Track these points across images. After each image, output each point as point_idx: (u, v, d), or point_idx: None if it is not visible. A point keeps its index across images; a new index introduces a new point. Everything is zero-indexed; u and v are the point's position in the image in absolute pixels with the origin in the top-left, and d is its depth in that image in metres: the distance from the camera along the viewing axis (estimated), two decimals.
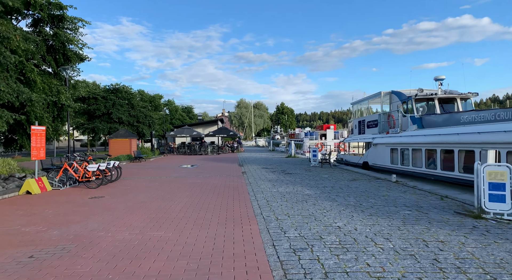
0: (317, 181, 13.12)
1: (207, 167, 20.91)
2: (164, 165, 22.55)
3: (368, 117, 19.92)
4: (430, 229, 6.10)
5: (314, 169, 18.02)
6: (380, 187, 11.31)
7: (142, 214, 7.76)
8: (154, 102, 40.42)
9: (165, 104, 45.13)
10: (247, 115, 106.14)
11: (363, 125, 20.55)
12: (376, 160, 17.42)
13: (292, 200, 9.12)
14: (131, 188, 12.03)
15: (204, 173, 17.22)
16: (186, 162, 25.54)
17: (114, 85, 31.02)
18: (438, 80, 15.97)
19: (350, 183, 12.39)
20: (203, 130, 48.54)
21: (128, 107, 30.93)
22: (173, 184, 12.91)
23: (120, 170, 14.37)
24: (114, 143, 26.99)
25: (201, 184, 12.79)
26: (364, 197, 9.41)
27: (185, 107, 70.15)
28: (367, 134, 19.69)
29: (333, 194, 10.09)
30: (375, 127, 18.69)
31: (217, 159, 28.32)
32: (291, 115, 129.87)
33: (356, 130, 21.83)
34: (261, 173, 16.71)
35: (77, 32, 17.18)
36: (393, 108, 17.71)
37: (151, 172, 18.10)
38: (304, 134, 37.33)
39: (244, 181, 13.54)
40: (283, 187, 11.61)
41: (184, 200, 9.52)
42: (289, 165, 20.93)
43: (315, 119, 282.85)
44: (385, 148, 16.53)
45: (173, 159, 28.88)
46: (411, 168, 14.15)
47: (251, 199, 9.49)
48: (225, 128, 43.93)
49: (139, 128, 31.49)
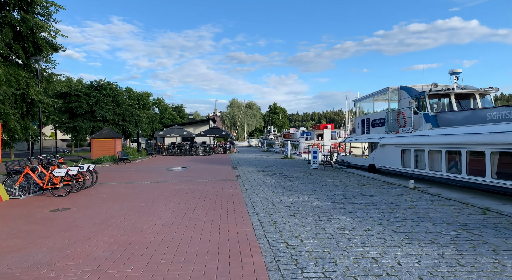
0: (323, 187, 11.42)
1: (197, 169, 19.08)
2: (150, 167, 20.65)
3: (373, 116, 18.31)
4: (502, 263, 4.42)
5: (315, 172, 16.33)
6: (399, 195, 9.65)
7: (109, 236, 5.95)
8: (142, 101, 38.36)
9: (154, 103, 43.10)
10: (240, 115, 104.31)
11: (367, 124, 18.94)
12: (384, 162, 15.80)
13: (300, 214, 7.38)
14: (106, 196, 10.17)
15: (193, 176, 15.41)
16: (175, 163, 23.67)
17: (98, 82, 28.97)
18: (454, 74, 14.40)
19: (361, 190, 10.72)
20: (194, 130, 46.61)
21: (113, 105, 28.91)
22: (157, 191, 11.08)
23: (96, 174, 12.49)
24: (96, 143, 24.97)
25: (190, 191, 10.99)
26: (387, 210, 7.73)
27: (175, 107, 68.07)
28: (372, 134, 18.08)
29: (347, 204, 8.39)
30: (382, 126, 17.08)
31: (209, 160, 26.49)
32: (283, 115, 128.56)
33: (359, 129, 20.21)
34: (258, 176, 14.96)
35: (50, 18, 15.23)
36: (402, 105, 16.12)
37: (134, 175, 16.21)
38: (300, 134, 35.65)
39: (239, 187, 11.77)
40: (285, 195, 9.87)
41: (167, 213, 7.72)
42: (287, 167, 19.22)
43: (307, 120, 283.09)
44: (394, 149, 14.91)
45: (161, 160, 26.96)
46: (427, 172, 12.54)
47: (250, 212, 7.73)
48: (217, 128, 42.09)
49: (125, 127, 29.49)
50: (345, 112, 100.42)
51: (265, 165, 21.11)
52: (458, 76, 14.33)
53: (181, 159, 29.15)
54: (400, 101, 16.34)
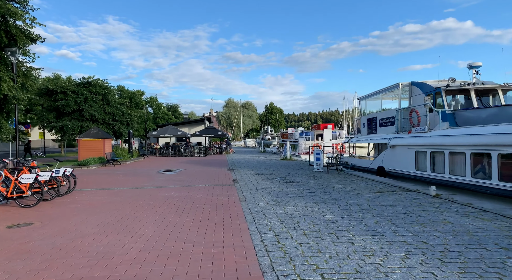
0: (332, 194, 10.04)
1: (191, 172, 17.64)
2: (140, 170, 19.17)
3: (381, 114, 16.97)
4: None
5: (319, 176, 14.96)
6: (424, 205, 8.29)
7: (66, 269, 4.51)
8: (135, 99, 36.77)
9: (147, 102, 41.51)
10: (236, 115, 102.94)
11: (374, 124, 17.60)
12: (394, 164, 14.46)
13: (313, 233, 5.98)
14: (81, 207, 8.72)
15: (186, 180, 13.97)
16: (168, 165, 22.20)
17: (87, 79, 27.38)
18: (473, 68, 13.10)
19: (377, 198, 9.34)
20: (189, 130, 45.11)
21: (103, 103, 27.36)
22: (142, 200, 9.64)
23: (74, 179, 11.01)
24: (84, 143, 23.43)
25: (180, 200, 9.55)
26: (418, 226, 6.35)
27: (170, 106, 66.46)
28: (379, 134, 16.74)
29: (367, 218, 7.00)
30: (391, 125, 15.74)
31: (204, 162, 25.05)
32: (280, 115, 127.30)
33: (364, 129, 18.87)
34: (257, 181, 13.55)
35: (26, 5, 13.72)
36: (413, 102, 14.80)
37: (122, 179, 14.74)
38: (299, 134, 34.28)
39: (236, 194, 10.36)
40: (291, 205, 8.47)
41: (149, 231, 6.29)
42: (287, 170, 17.83)
43: (303, 120, 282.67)
44: (407, 151, 13.57)
45: (153, 162, 25.46)
46: (448, 176, 11.19)
47: (250, 229, 6.33)
48: (213, 128, 40.63)
49: (116, 127, 27.93)
50: (342, 112, 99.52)
51: (263, 167, 19.71)
52: (478, 70, 13.03)
53: (175, 160, 27.67)
54: (412, 98, 15.01)
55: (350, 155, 20.77)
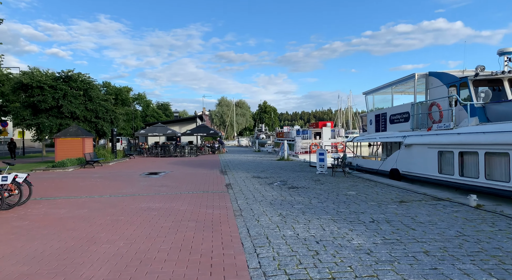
0: (349, 205, 8.12)
1: (178, 175, 15.61)
2: (122, 172, 17.09)
3: (392, 110, 15.10)
4: None
5: (325, 179, 13.05)
6: (473, 222, 6.40)
7: None
8: (121, 96, 34.45)
9: (134, 99, 39.21)
10: (229, 114, 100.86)
11: (383, 120, 15.74)
12: (411, 166, 12.60)
13: (345, 274, 4.03)
14: (27, 225, 6.67)
15: (171, 186, 11.96)
16: (154, 167, 20.13)
17: (66, 72, 25.09)
18: (505, 54, 11.28)
19: (407, 210, 7.45)
20: (179, 129, 42.98)
21: (85, 99, 25.11)
22: (110, 213, 7.61)
23: (29, 186, 8.93)
24: (61, 143, 21.21)
25: (158, 214, 7.55)
26: (492, 261, 4.44)
27: (161, 104, 64.15)
28: (390, 132, 14.88)
29: (411, 245, 5.07)
30: (405, 122, 13.89)
31: (194, 163, 23.01)
32: (274, 114, 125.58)
33: (371, 126, 17.00)
34: (254, 186, 11.59)
35: None
36: (431, 95, 12.96)
37: (96, 184, 12.67)
38: (296, 132, 32.37)
39: (230, 205, 8.38)
40: (301, 223, 6.52)
41: (103, 270, 4.29)
42: (287, 172, 15.90)
43: (297, 119, 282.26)
44: (427, 151, 11.72)
45: (139, 163, 23.35)
46: (484, 181, 9.34)
47: (251, 267, 4.36)
48: (205, 127, 38.58)
49: (98, 125, 25.70)
50: (335, 112, 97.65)
51: (260, 169, 17.75)
52: (511, 57, 11.21)
53: (163, 160, 25.57)
54: (430, 91, 13.16)
55: (355, 155, 18.90)
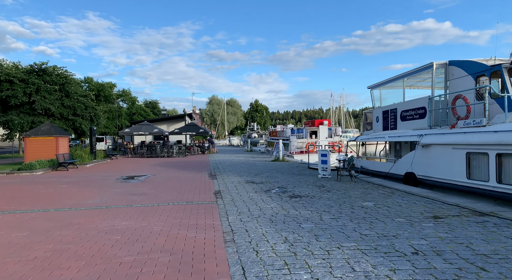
0: (373, 224, 6.30)
1: (161, 179, 13.65)
2: (96, 176, 15.04)
3: (404, 105, 13.36)
4: None
5: (330, 185, 11.24)
6: None
7: None
8: (104, 92, 32.17)
9: (118, 95, 36.92)
10: (220, 113, 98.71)
11: (392, 117, 14.00)
12: (430, 170, 10.86)
13: None
14: None
15: (148, 195, 10.00)
16: (136, 169, 18.10)
17: (40, 65, 22.85)
18: None
19: (452, 232, 5.65)
20: (167, 128, 40.81)
21: (61, 95, 22.92)
22: (57, 240, 5.65)
23: None
24: (31, 142, 19.04)
25: (120, 240, 5.61)
26: None
27: (149, 102, 61.80)
28: (402, 130, 13.15)
29: None
30: (420, 118, 12.16)
31: (181, 164, 21.02)
32: (265, 113, 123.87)
33: (378, 124, 15.26)
34: (248, 194, 9.70)
35: None
36: (452, 87, 11.27)
37: (60, 192, 10.64)
38: (291, 131, 30.56)
39: (218, 224, 6.47)
40: (318, 257, 4.65)
41: None
42: (284, 176, 14.05)
43: (288, 118, 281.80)
44: (451, 152, 9.98)
45: (120, 165, 21.27)
46: None
47: None
48: (194, 125, 36.49)
49: (76, 123, 23.55)
50: (326, 110, 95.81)
51: (254, 171, 15.87)
52: None
53: (148, 162, 23.52)
54: (450, 82, 11.45)
55: (358, 156, 17.14)
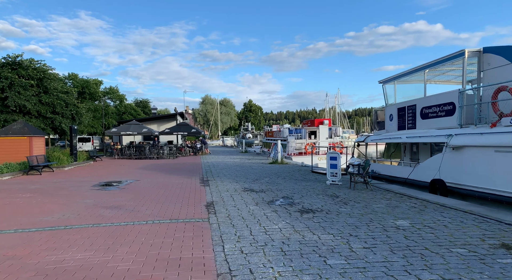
0: (427, 259, 4.53)
1: (144, 186, 11.75)
2: (71, 182, 13.08)
3: (425, 100, 11.64)
4: None
5: (343, 194, 9.46)
6: None
7: None
8: (88, 89, 30.00)
9: (105, 93, 34.77)
10: (213, 113, 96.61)
11: (411, 115, 12.28)
12: (463, 177, 9.14)
13: None
14: None
15: (124, 208, 8.11)
16: (119, 173, 16.15)
17: (14, 58, 20.75)
18: None
19: None
20: (158, 127, 38.75)
21: (38, 91, 20.87)
22: None
23: None
24: (0, 143, 16.98)
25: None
26: None
27: (139, 101, 59.62)
28: (423, 130, 11.44)
29: None
30: (447, 115, 10.45)
31: (171, 167, 19.10)
32: (260, 113, 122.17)
33: (392, 123, 13.54)
34: (248, 208, 7.86)
35: None
36: (489, 79, 9.56)
37: (18, 204, 8.70)
38: (288, 131, 28.78)
39: (210, 260, 4.62)
40: None
41: None
42: (286, 181, 12.25)
43: (281, 119, 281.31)
44: (494, 156, 8.28)
45: (103, 167, 19.29)
46: None
47: None
48: (186, 125, 34.52)
49: (56, 121, 21.49)
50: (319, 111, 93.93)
51: (251, 176, 14.03)
52: None
53: (135, 164, 21.55)
54: (486, 72, 9.76)
55: (366, 158, 15.37)
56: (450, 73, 12.76)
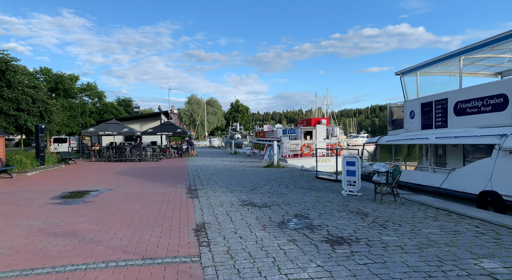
0: None
1: (116, 199, 9.40)
2: (25, 192, 10.61)
3: (462, 93, 9.65)
4: None
5: (371, 210, 7.37)
6: None
7: None
8: (63, 85, 27.18)
9: (82, 89, 31.90)
10: (199, 112, 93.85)
11: (441, 111, 10.30)
12: None
13: None
14: None
15: (78, 238, 5.80)
16: (91, 179, 13.71)
17: None
18: None
19: None
20: (140, 127, 36.10)
21: (0, 84, 18.17)
22: None
23: None
24: None
25: None
26: None
27: (122, 100, 56.61)
28: (459, 129, 9.44)
29: None
30: (495, 111, 8.49)
31: (153, 171, 16.71)
32: (246, 113, 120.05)
33: (414, 121, 11.54)
34: (254, 235, 5.65)
35: None
36: None
37: None
38: (282, 132, 26.69)
39: None
40: None
41: None
42: (292, 191, 10.09)
43: (268, 119, 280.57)
44: None
45: (75, 172, 16.76)
46: None
47: None
48: (171, 124, 32.03)
49: (20, 119, 18.83)
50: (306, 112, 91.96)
51: (248, 183, 11.81)
52: None
53: (113, 168, 19.06)
54: None
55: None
56: (482, 63, 10.85)
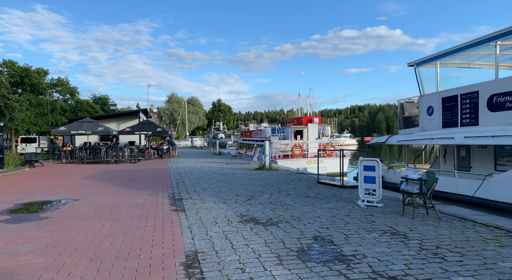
0: None
1: (81, 214, 7.49)
2: None
3: (498, 84, 8.23)
4: None
5: (406, 229, 5.83)
6: None
7: None
8: (29, 79, 24.53)
9: (52, 85, 29.26)
10: (180, 111, 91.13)
11: (470, 106, 8.89)
12: None
13: None
14: None
15: (19, 277, 3.93)
16: (55, 186, 11.65)
17: None
18: None
19: None
20: (117, 126, 33.68)
21: None
22: None
23: None
24: None
25: None
26: None
27: (98, 98, 53.58)
28: (496, 127, 8.02)
29: None
30: None
31: (130, 175, 14.73)
32: (228, 112, 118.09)
33: (432, 118, 10.12)
34: (270, 273, 3.93)
35: None
36: None
37: None
38: (271, 131, 25.05)
39: None
40: None
41: None
42: (297, 200, 8.44)
43: (250, 119, 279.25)
44: None
45: (37, 177, 14.58)
46: None
47: None
48: (150, 123, 29.85)
49: None
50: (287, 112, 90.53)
51: (243, 191, 10.07)
52: None
53: (84, 170, 16.91)
54: None
55: (390, 167, 11.88)
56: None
